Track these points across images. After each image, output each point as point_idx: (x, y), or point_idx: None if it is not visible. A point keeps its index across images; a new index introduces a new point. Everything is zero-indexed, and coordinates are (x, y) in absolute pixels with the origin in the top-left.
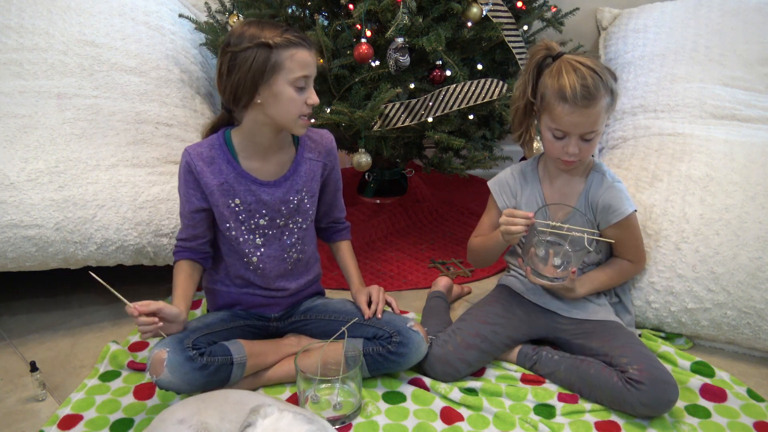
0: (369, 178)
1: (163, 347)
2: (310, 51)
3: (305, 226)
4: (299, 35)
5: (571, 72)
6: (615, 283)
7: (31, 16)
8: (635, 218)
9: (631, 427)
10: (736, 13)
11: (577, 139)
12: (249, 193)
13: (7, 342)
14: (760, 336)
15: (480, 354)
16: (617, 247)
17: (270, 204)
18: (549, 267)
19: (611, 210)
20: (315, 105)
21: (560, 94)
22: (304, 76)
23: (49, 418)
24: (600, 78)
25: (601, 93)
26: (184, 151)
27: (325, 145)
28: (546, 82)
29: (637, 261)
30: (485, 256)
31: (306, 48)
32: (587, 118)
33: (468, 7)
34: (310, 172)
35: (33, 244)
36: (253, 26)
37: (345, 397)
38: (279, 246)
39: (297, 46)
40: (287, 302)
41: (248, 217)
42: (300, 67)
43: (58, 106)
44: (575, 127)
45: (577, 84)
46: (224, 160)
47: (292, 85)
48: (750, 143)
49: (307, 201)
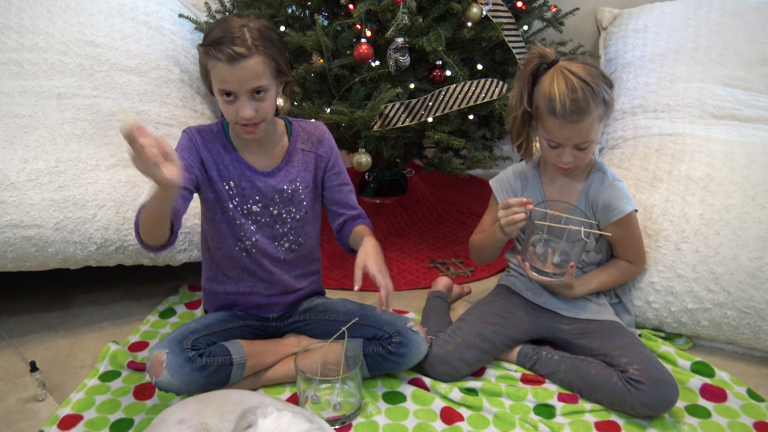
0: (369, 178)
1: (162, 349)
2: (230, 66)
3: (299, 217)
4: (220, 48)
5: (562, 84)
6: (615, 284)
7: (31, 16)
8: (635, 218)
9: (631, 427)
10: (736, 13)
11: (571, 149)
12: (244, 178)
13: (7, 342)
14: (760, 336)
15: (480, 354)
16: (617, 248)
17: (264, 191)
18: (548, 264)
19: (611, 208)
20: (246, 119)
21: (550, 109)
22: (223, 90)
23: (49, 418)
24: (591, 89)
25: (591, 107)
26: (185, 129)
27: (317, 135)
28: (539, 93)
29: (637, 262)
30: (486, 253)
31: (224, 63)
32: (578, 132)
33: (468, 7)
34: (303, 163)
35: (33, 244)
36: (218, 23)
37: (345, 397)
38: (271, 234)
39: (215, 59)
40: (286, 302)
41: (242, 201)
42: (218, 80)
43: (58, 106)
44: (567, 139)
45: (567, 99)
46: (221, 145)
47: (219, 94)
48: (750, 143)
49: (302, 191)
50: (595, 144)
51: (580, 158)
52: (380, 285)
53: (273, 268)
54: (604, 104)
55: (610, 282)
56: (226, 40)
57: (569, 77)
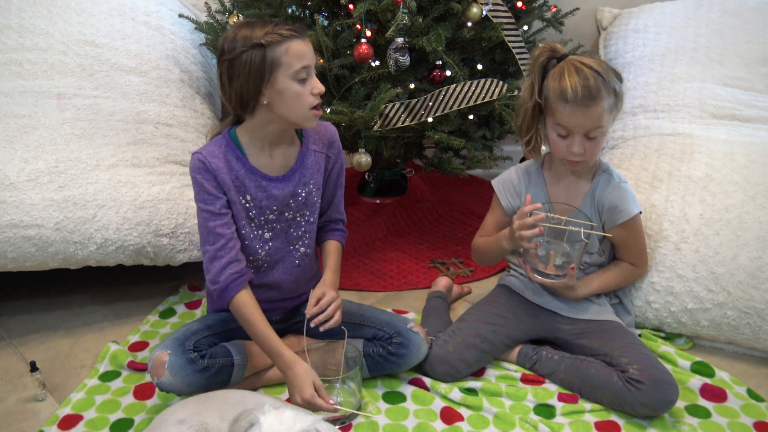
0: (369, 178)
1: (164, 350)
2: (303, 40)
3: (312, 220)
4: (290, 27)
5: (573, 73)
6: (617, 285)
7: (31, 16)
8: (640, 220)
9: (631, 427)
10: (736, 13)
11: (581, 138)
12: (259, 189)
13: (7, 342)
14: (760, 336)
15: (480, 354)
16: (621, 250)
17: (280, 198)
18: (549, 266)
19: (617, 210)
20: (321, 92)
21: (562, 96)
22: (304, 67)
23: (49, 418)
24: (603, 79)
25: (602, 94)
26: (194, 154)
27: (328, 137)
28: (549, 85)
29: (640, 264)
30: (490, 258)
31: (299, 38)
32: (589, 117)
33: (468, 7)
34: (315, 164)
35: (33, 244)
36: (243, 28)
37: (345, 397)
38: (285, 239)
39: (289, 39)
40: (289, 306)
41: (258, 213)
42: (297, 59)
43: (58, 106)
44: (578, 126)
45: (578, 85)
46: (234, 157)
47: (294, 78)
48: (750, 143)
49: (315, 194)
50: (604, 138)
51: (590, 150)
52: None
53: (283, 276)
54: (614, 95)
55: (612, 284)
56: (296, 28)
57: (581, 67)
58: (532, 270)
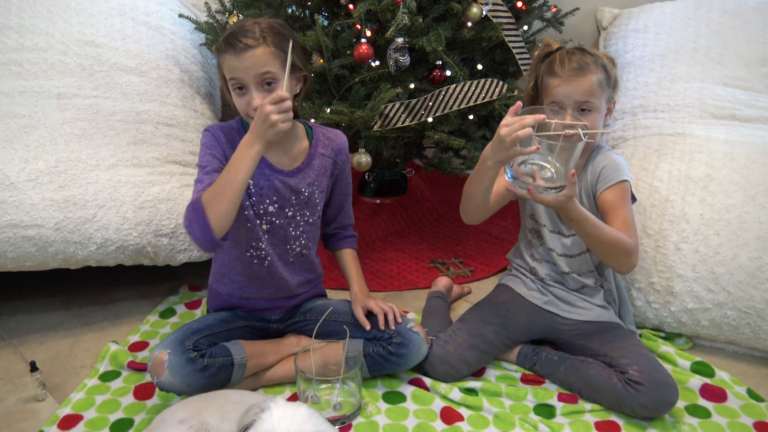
0: (369, 178)
1: (163, 349)
2: (237, 57)
3: (311, 221)
4: (230, 41)
5: (563, 54)
6: (608, 238)
7: (31, 16)
8: (627, 189)
9: (631, 427)
10: (736, 13)
11: (573, 113)
12: (263, 177)
13: (7, 342)
14: (760, 336)
15: (480, 354)
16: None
17: (281, 191)
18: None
19: (604, 174)
20: (256, 108)
21: (551, 70)
22: (233, 81)
23: (49, 418)
24: (592, 56)
25: (591, 67)
26: (206, 128)
27: (338, 143)
28: (542, 70)
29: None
30: (473, 197)
31: (231, 54)
32: (578, 87)
33: (468, 7)
34: (321, 168)
35: (33, 244)
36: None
37: (345, 397)
38: (283, 236)
39: (224, 52)
40: (289, 305)
41: (258, 200)
42: (228, 71)
43: (58, 106)
44: (567, 97)
45: (566, 58)
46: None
47: (231, 88)
48: (750, 143)
49: (317, 195)
50: (599, 116)
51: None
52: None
53: (281, 273)
54: (605, 71)
55: (605, 232)
56: (237, 34)
57: (571, 50)
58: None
